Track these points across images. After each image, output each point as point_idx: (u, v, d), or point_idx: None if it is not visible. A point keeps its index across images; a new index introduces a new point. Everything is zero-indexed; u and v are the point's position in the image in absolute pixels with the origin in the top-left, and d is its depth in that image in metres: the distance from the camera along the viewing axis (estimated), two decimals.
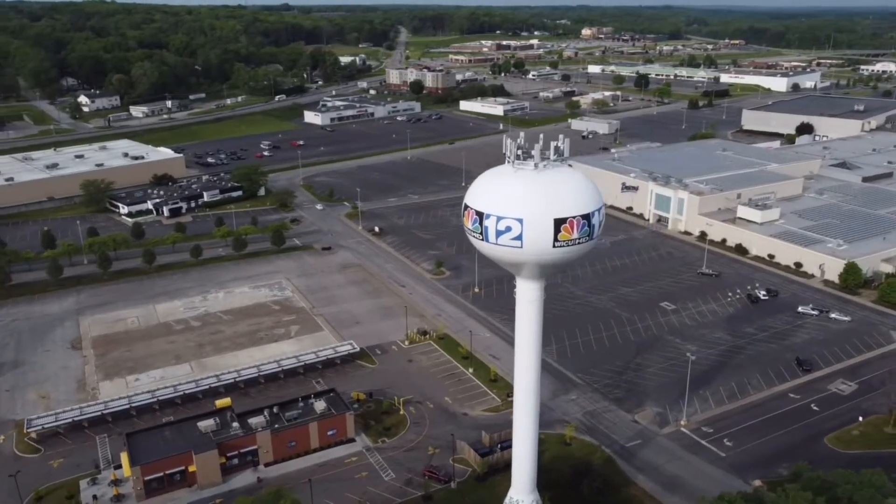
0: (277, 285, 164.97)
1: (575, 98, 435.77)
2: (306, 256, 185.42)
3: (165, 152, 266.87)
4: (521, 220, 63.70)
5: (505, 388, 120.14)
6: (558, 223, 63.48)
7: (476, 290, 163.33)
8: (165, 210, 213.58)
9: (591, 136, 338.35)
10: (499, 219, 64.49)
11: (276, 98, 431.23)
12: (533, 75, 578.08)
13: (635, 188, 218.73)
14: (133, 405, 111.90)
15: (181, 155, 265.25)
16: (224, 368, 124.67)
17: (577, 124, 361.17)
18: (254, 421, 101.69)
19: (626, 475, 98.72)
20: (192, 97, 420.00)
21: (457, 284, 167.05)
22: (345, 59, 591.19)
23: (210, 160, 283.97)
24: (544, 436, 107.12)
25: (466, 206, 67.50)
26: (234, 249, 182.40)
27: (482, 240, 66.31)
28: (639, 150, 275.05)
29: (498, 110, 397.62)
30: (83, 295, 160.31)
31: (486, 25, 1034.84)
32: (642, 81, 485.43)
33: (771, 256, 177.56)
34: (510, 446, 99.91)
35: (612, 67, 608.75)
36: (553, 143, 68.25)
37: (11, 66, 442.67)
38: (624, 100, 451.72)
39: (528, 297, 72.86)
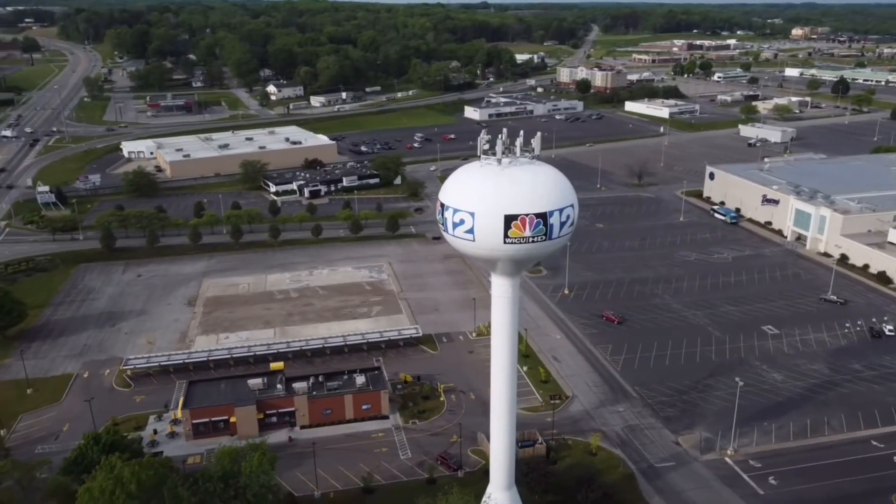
0: (378, 268, 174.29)
1: (754, 102, 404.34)
2: (415, 244, 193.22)
3: (321, 139, 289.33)
4: (472, 214, 64.56)
5: (552, 390, 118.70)
6: (508, 219, 63.45)
7: (566, 291, 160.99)
8: (306, 191, 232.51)
9: (758, 144, 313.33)
10: (455, 211, 65.84)
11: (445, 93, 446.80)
12: (718, 77, 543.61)
13: (776, 202, 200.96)
14: (212, 358, 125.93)
15: (334, 142, 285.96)
16: (301, 337, 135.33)
17: (746, 131, 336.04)
18: (297, 385, 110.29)
19: (641, 494, 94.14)
20: (367, 90, 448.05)
21: (549, 284, 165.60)
22: (522, 57, 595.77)
23: (363, 148, 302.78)
24: (571, 442, 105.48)
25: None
26: (350, 232, 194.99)
27: (444, 230, 68.00)
28: (797, 161, 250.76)
29: (663, 112, 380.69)
30: (213, 260, 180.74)
31: (683, 24, 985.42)
32: (840, 87, 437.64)
33: None
34: (530, 445, 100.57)
35: (813, 71, 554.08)
36: (520, 140, 68.03)
37: (222, 58, 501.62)
38: (814, 106, 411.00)
39: (500, 293, 73.43)
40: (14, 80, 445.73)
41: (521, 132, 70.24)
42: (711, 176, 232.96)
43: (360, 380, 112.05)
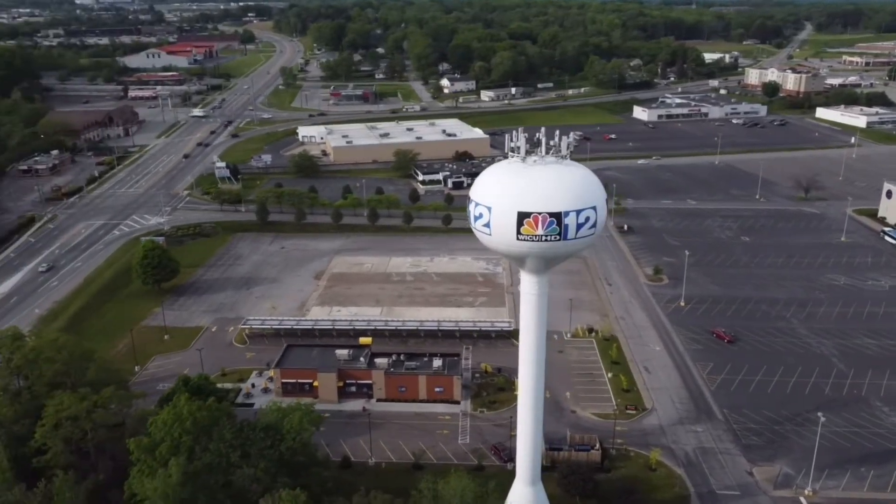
0: (496, 261, 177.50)
1: None
2: None
3: (476, 133, 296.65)
4: (489, 209, 66.44)
5: (630, 400, 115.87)
6: (521, 216, 64.48)
7: (682, 303, 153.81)
8: (449, 182, 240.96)
9: None
10: (476, 204, 68.07)
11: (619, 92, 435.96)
12: None
13: None
14: (317, 328, 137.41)
15: (487, 137, 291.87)
16: (403, 318, 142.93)
17: None
18: (379, 361, 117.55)
19: None
20: (539, 86, 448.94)
21: (666, 294, 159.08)
22: (711, 56, 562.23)
23: None
24: (633, 454, 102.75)
25: None
26: None
27: (471, 222, 70.43)
28: None
29: (859, 121, 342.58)
30: (348, 240, 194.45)
31: None
32: None
33: None
34: (585, 450, 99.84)
35: None
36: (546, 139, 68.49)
37: (407, 52, 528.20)
38: None
39: (527, 290, 74.49)
40: (226, 68, 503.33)
41: (556, 131, 70.42)
42: (889, 194, 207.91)
43: (436, 363, 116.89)
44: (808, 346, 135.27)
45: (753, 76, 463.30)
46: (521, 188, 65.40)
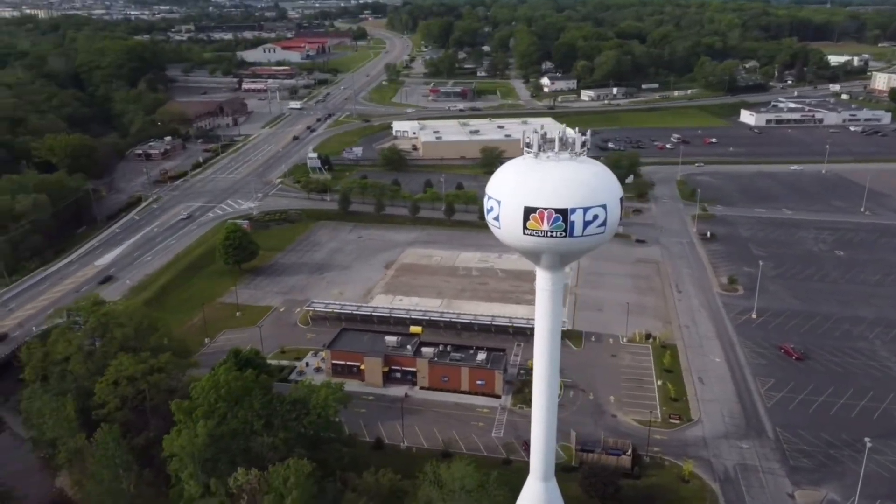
0: None
1: None
2: (615, 243, 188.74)
3: (569, 132, 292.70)
4: (499, 202, 67.32)
5: (677, 409, 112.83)
6: (528, 211, 64.96)
7: (753, 315, 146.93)
8: None
9: None
10: (489, 198, 69.14)
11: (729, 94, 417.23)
12: None
13: None
14: (375, 314, 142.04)
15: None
16: (460, 311, 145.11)
17: None
18: (425, 350, 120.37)
19: None
20: (643, 86, 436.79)
21: (738, 305, 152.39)
22: (837, 59, 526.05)
23: (611, 145, 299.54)
24: (668, 463, 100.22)
25: None
26: None
27: (486, 215, 71.58)
28: None
29: None
30: (424, 232, 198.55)
31: None
32: None
33: None
34: (618, 454, 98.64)
35: None
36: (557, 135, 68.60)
37: (512, 50, 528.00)
38: None
39: (541, 286, 74.90)
40: (335, 64, 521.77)
41: (576, 129, 70.31)
42: None
43: (480, 356, 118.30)
44: (888, 370, 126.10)
45: (881, 81, 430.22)
46: (528, 183, 65.94)
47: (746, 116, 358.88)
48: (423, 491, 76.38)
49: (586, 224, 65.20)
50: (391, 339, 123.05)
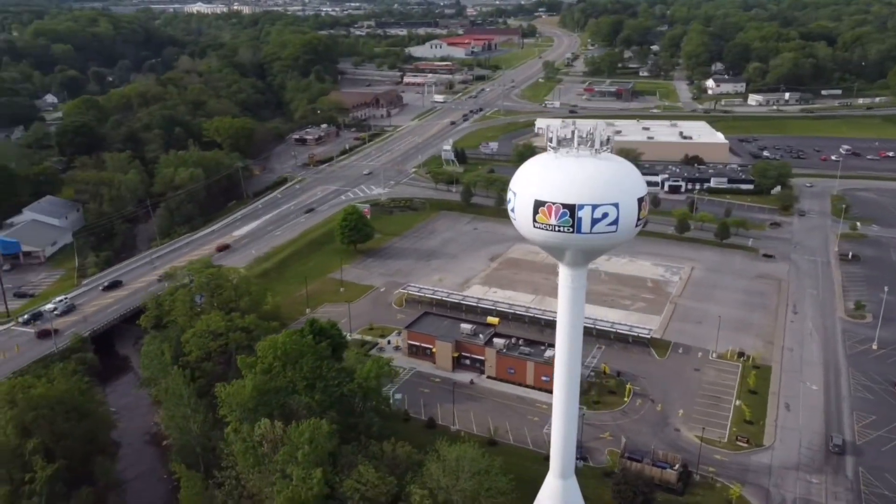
0: (676, 269, 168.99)
1: None
2: (738, 256, 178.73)
3: (717, 137, 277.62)
4: (515, 194, 68.67)
5: (748, 432, 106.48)
6: (537, 205, 65.72)
7: (874, 346, 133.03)
8: (666, 185, 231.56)
9: None
10: (510, 189, 70.59)
11: None
12: None
13: None
14: (464, 303, 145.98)
15: (726, 142, 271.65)
16: (547, 308, 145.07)
17: None
18: (497, 341, 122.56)
19: None
20: (823, 92, 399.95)
21: (861, 333, 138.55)
22: None
23: (766, 154, 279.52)
24: (720, 485, 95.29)
25: None
26: (676, 231, 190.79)
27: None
28: None
29: None
30: None
31: None
32: None
33: None
34: (664, 467, 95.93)
35: None
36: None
37: (681, 49, 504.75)
38: None
39: (564, 283, 74.87)
40: (497, 60, 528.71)
41: (597, 125, 69.69)
42: None
43: (548, 353, 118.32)
44: None
45: None
46: (541, 177, 66.87)
47: None
48: (428, 468, 79.50)
49: (595, 221, 65.14)
50: (466, 327, 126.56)
